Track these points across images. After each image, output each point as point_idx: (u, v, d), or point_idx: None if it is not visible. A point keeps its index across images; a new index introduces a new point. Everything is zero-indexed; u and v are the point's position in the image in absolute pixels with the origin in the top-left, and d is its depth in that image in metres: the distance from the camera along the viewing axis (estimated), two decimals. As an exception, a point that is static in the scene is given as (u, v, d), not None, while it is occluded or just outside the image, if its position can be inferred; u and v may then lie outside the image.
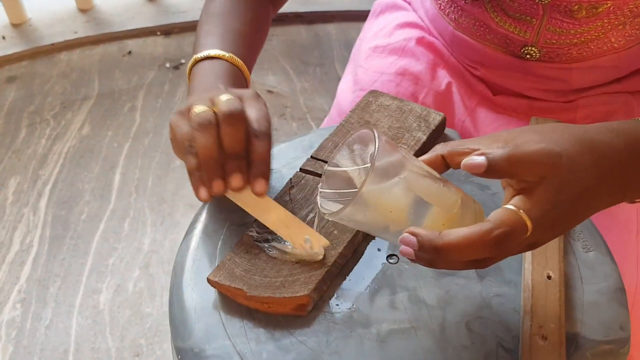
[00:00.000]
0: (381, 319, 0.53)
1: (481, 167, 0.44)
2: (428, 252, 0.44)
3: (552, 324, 0.51)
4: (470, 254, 0.43)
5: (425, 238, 0.44)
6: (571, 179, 0.44)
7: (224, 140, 0.54)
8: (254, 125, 0.55)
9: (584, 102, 0.79)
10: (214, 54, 0.66)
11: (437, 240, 0.43)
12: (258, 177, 0.55)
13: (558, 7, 0.70)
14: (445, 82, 0.84)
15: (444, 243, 0.43)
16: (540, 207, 0.43)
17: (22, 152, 1.67)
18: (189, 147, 0.54)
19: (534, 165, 0.44)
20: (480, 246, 0.42)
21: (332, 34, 2.06)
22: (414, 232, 0.44)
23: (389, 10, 0.95)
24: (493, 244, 0.42)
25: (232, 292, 0.53)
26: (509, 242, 0.43)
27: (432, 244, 0.43)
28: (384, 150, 0.45)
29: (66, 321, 1.29)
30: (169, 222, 1.49)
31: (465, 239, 0.42)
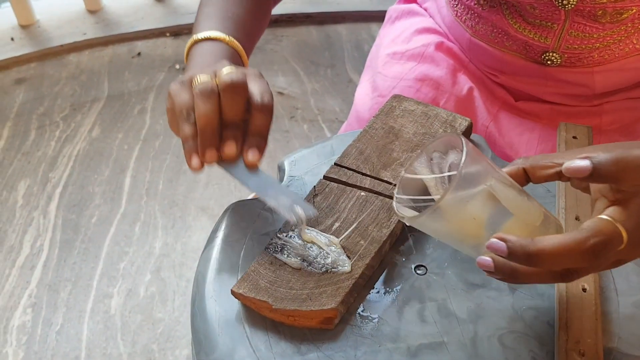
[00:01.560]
0: (411, 333, 0.51)
1: (586, 170, 0.42)
2: (519, 259, 0.42)
3: (589, 339, 0.49)
4: (566, 262, 0.42)
5: (517, 244, 0.42)
6: None
7: (224, 109, 0.55)
8: (256, 97, 0.56)
9: (609, 107, 0.78)
10: (214, 35, 0.66)
11: (531, 245, 0.41)
12: (252, 147, 0.56)
13: (582, 12, 0.69)
14: (467, 88, 0.82)
15: (538, 249, 0.41)
16: (636, 219, 0.42)
17: (31, 154, 1.66)
18: (187, 115, 0.55)
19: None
20: (577, 254, 0.41)
21: (343, 34, 2.05)
22: (504, 237, 0.42)
23: (405, 16, 0.94)
24: (590, 253, 0.41)
25: (256, 305, 0.52)
26: (606, 252, 0.41)
27: (525, 250, 0.41)
28: (470, 158, 0.44)
29: (77, 326, 1.28)
30: (180, 225, 1.48)
31: (562, 246, 0.41)
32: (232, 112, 0.55)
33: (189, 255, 1.41)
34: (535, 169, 0.48)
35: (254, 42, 0.76)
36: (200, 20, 0.70)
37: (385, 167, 0.62)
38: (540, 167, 0.48)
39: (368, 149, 0.64)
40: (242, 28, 0.71)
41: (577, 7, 0.68)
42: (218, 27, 0.68)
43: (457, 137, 0.46)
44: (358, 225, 0.57)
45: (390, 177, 0.60)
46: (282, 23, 2.08)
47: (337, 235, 0.56)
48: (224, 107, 0.55)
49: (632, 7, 0.68)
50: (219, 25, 0.68)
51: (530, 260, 0.42)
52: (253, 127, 0.56)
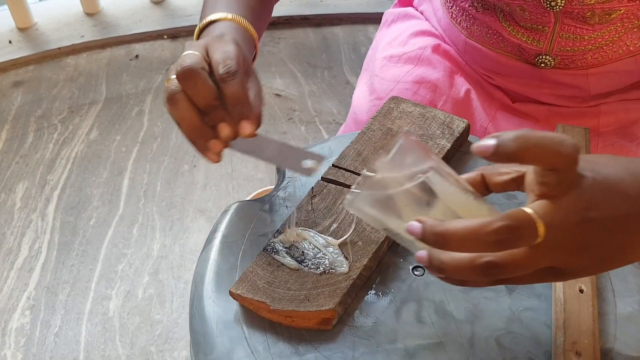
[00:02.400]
0: (408, 333, 0.52)
1: (490, 147, 0.39)
2: (429, 239, 0.41)
3: (586, 340, 0.49)
4: (471, 245, 0.40)
5: (428, 223, 0.41)
6: (606, 200, 0.41)
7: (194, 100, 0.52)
8: (219, 69, 0.53)
9: (606, 108, 0.78)
10: (217, 17, 0.63)
11: (438, 226, 0.41)
12: (240, 121, 0.53)
13: (570, 14, 0.69)
14: (464, 89, 0.82)
15: (445, 228, 0.40)
16: (562, 217, 0.40)
17: (29, 157, 1.66)
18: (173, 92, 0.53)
19: (544, 149, 0.39)
20: (480, 237, 0.39)
21: (340, 36, 2.05)
22: (421, 219, 0.42)
23: (401, 20, 0.94)
24: (493, 236, 0.39)
25: (254, 305, 0.52)
26: (512, 240, 0.39)
27: (433, 229, 0.41)
28: (408, 147, 0.44)
29: (75, 328, 1.28)
30: (178, 227, 1.48)
31: (467, 227, 0.40)
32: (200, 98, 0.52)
33: (187, 257, 1.41)
34: (492, 175, 0.47)
35: (263, 27, 0.72)
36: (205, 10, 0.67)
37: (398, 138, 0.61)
38: (497, 173, 0.47)
39: (366, 151, 0.64)
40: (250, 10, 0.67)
41: (565, 9, 0.69)
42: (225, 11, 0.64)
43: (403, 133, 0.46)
44: (356, 227, 0.57)
45: None
46: (279, 25, 2.08)
47: (335, 237, 0.56)
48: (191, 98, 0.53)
49: (620, 8, 0.68)
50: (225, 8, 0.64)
51: (437, 241, 0.41)
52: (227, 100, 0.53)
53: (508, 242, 0.39)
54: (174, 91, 0.53)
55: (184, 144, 1.69)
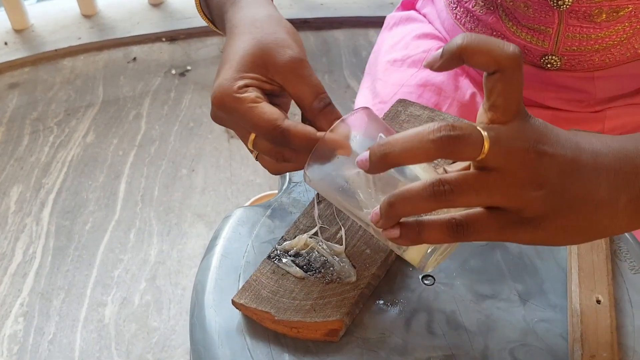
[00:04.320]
0: (418, 346, 0.49)
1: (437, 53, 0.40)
2: (376, 158, 0.40)
3: (604, 353, 0.47)
4: (415, 151, 0.39)
5: (375, 145, 0.40)
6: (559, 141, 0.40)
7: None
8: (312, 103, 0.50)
9: (612, 113, 0.77)
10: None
11: (383, 139, 0.40)
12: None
13: (576, 14, 0.68)
14: (470, 93, 0.81)
15: (390, 138, 0.40)
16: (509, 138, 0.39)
17: (24, 160, 1.64)
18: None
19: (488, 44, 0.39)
20: (424, 137, 0.38)
21: (340, 40, 2.03)
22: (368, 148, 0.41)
23: (404, 23, 0.93)
24: (437, 135, 0.38)
25: (258, 316, 0.50)
26: (456, 141, 0.38)
27: (379, 143, 0.40)
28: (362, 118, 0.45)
29: (70, 336, 1.26)
30: (176, 232, 1.46)
31: (411, 132, 0.39)
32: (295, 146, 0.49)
33: (185, 263, 1.39)
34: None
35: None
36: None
37: None
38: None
39: (373, 155, 0.62)
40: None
41: (572, 8, 0.68)
42: None
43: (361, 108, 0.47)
44: (363, 234, 0.55)
45: None
46: (279, 29, 2.06)
47: (342, 244, 0.54)
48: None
49: (628, 5, 0.67)
50: None
51: (384, 154, 0.40)
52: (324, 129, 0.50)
53: (451, 142, 0.38)
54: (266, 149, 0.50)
55: (182, 147, 1.67)
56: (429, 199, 0.40)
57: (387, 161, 0.40)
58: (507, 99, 0.40)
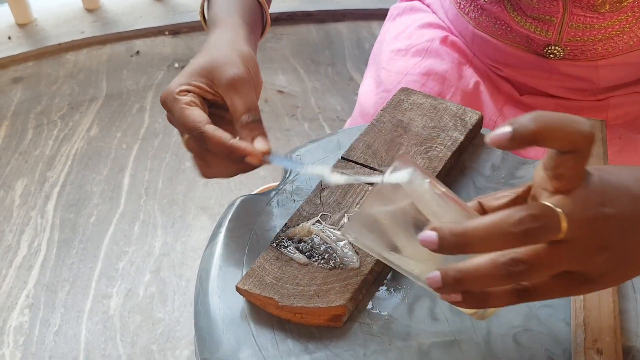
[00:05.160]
0: (421, 331, 0.50)
1: (507, 134, 0.37)
2: (449, 245, 0.39)
3: (607, 337, 0.47)
4: (493, 242, 0.38)
5: (445, 227, 0.39)
6: (618, 197, 0.39)
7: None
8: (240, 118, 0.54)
9: (615, 101, 0.77)
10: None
11: (458, 227, 0.38)
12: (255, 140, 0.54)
13: (580, 3, 0.68)
14: (473, 82, 0.81)
15: (464, 227, 0.38)
16: (580, 210, 0.39)
17: (29, 154, 1.64)
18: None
19: (563, 127, 0.37)
20: (505, 230, 0.37)
21: (343, 32, 2.03)
22: (434, 227, 0.39)
23: (407, 13, 0.93)
24: (518, 228, 0.37)
25: (262, 302, 0.50)
26: (538, 232, 0.37)
27: (452, 231, 0.38)
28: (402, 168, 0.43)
29: (75, 327, 1.26)
30: (180, 224, 1.46)
31: (488, 222, 0.38)
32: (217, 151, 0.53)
33: (189, 255, 1.40)
34: (489, 201, 0.46)
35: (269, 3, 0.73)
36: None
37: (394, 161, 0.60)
38: (493, 197, 0.46)
39: (376, 143, 0.62)
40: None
41: None
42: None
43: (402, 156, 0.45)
44: (367, 220, 0.55)
45: None
46: (281, 21, 2.06)
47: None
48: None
49: None
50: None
51: (458, 243, 0.38)
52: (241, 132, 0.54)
53: (534, 232, 0.37)
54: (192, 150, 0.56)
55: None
56: (502, 278, 0.39)
57: (462, 252, 0.39)
58: (577, 172, 0.40)
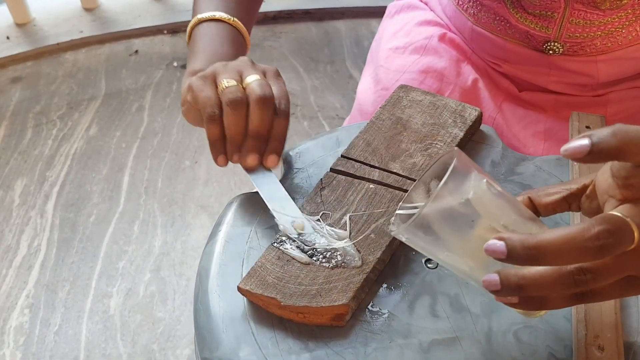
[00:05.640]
0: (422, 328, 0.50)
1: (585, 147, 0.37)
2: (519, 256, 0.38)
3: (608, 333, 0.47)
4: (569, 257, 0.37)
5: (516, 238, 0.38)
6: None
7: (253, 121, 0.56)
8: (276, 103, 0.57)
9: (614, 97, 0.77)
10: (218, 16, 0.67)
11: (530, 239, 0.37)
12: (272, 154, 0.58)
13: None
14: (472, 79, 0.81)
15: (538, 240, 0.37)
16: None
17: (28, 153, 1.64)
18: (213, 114, 0.56)
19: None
20: (580, 245, 0.36)
21: (342, 30, 2.03)
22: (501, 236, 0.38)
23: (405, 10, 0.93)
24: (594, 242, 0.36)
25: (264, 302, 0.50)
26: (614, 245, 0.37)
27: (524, 244, 0.37)
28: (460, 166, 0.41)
29: (76, 327, 1.26)
30: (180, 223, 1.46)
31: (564, 236, 0.37)
32: (260, 124, 0.57)
33: (189, 254, 1.40)
34: (540, 197, 0.46)
35: (253, 20, 0.76)
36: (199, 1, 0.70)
37: (394, 159, 0.60)
38: (545, 194, 0.46)
39: (376, 141, 0.62)
40: (243, 6, 0.71)
41: None
42: (220, 8, 0.68)
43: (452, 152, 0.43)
44: (368, 219, 0.55)
45: (400, 168, 0.59)
46: (280, 20, 2.06)
47: (347, 229, 0.54)
48: (253, 119, 0.56)
49: None
50: (221, 6, 0.68)
51: (530, 256, 0.37)
52: (274, 133, 0.58)
53: (610, 247, 0.37)
54: (241, 98, 0.56)
55: (185, 139, 1.67)
56: (567, 287, 0.39)
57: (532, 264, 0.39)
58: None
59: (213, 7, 0.68)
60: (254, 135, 0.57)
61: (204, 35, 0.66)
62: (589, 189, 0.45)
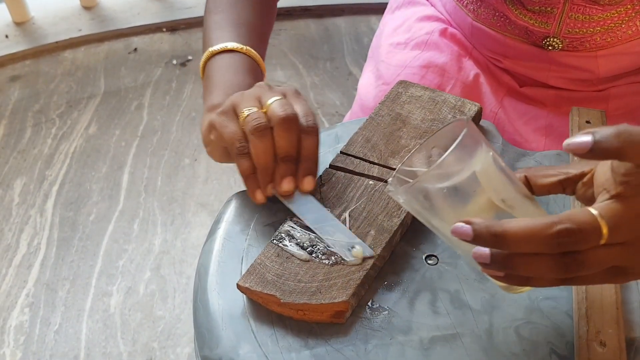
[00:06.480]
0: (423, 325, 0.49)
1: (587, 144, 0.39)
2: (485, 241, 0.40)
3: (610, 329, 0.47)
4: (530, 247, 0.39)
5: (482, 224, 0.39)
6: None
7: (280, 144, 0.54)
8: (302, 121, 0.55)
9: (615, 92, 0.76)
10: (231, 47, 0.65)
11: (496, 226, 0.39)
12: (307, 175, 0.55)
13: None
14: (473, 74, 0.81)
15: (504, 229, 0.39)
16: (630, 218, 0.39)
17: (27, 152, 1.64)
18: (242, 148, 0.54)
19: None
20: (541, 239, 0.38)
21: (342, 27, 2.02)
22: (469, 220, 0.40)
23: (406, 6, 0.92)
24: (553, 240, 0.38)
25: (264, 299, 0.50)
26: (574, 243, 0.38)
27: (490, 230, 0.39)
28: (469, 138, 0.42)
29: (76, 325, 1.26)
30: (180, 221, 1.46)
31: (527, 228, 0.38)
32: (288, 145, 0.54)
33: (189, 252, 1.39)
34: (537, 177, 0.46)
35: (266, 44, 0.75)
36: (211, 30, 0.68)
37: (393, 155, 0.59)
38: (542, 175, 0.46)
39: (375, 137, 0.62)
40: (255, 33, 0.69)
41: None
42: (232, 37, 0.66)
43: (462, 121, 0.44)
44: (367, 215, 0.54)
45: (399, 164, 0.58)
46: (279, 17, 2.05)
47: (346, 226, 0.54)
48: (280, 142, 0.54)
49: None
50: (232, 35, 0.67)
51: (495, 242, 0.39)
52: (304, 152, 0.55)
53: (567, 245, 0.38)
54: (264, 124, 0.54)
55: (184, 137, 1.67)
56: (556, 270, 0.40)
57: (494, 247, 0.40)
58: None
59: (225, 38, 0.66)
60: (284, 159, 0.54)
61: (218, 68, 0.64)
62: (587, 177, 0.46)
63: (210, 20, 0.70)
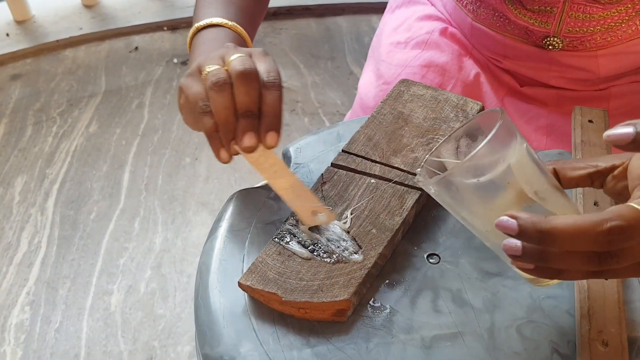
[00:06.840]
0: (424, 324, 0.49)
1: (629, 135, 0.39)
2: (530, 237, 0.39)
3: (612, 329, 0.47)
4: (579, 245, 0.38)
5: (529, 220, 0.38)
6: None
7: (239, 99, 0.53)
8: (264, 76, 0.53)
9: (616, 91, 0.76)
10: (216, 21, 0.65)
11: (543, 223, 0.38)
12: (269, 131, 0.53)
13: None
14: (474, 73, 0.81)
15: (552, 226, 0.38)
16: None
17: (28, 150, 1.63)
18: (204, 106, 0.53)
19: None
20: (591, 237, 0.37)
21: (343, 26, 2.02)
22: (514, 215, 0.39)
23: (406, 5, 0.92)
24: (605, 237, 0.37)
25: (265, 297, 0.50)
26: (625, 240, 0.38)
27: (537, 227, 0.38)
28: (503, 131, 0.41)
29: (76, 324, 1.26)
30: (180, 220, 1.46)
31: (576, 226, 0.38)
32: (248, 100, 0.53)
33: (190, 251, 1.39)
34: (565, 169, 0.46)
35: (257, 26, 0.74)
36: (200, 8, 0.68)
37: (395, 154, 0.59)
38: (571, 167, 0.46)
39: (377, 135, 0.61)
40: (244, 13, 0.69)
41: None
42: (219, 14, 0.66)
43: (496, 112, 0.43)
44: (369, 214, 0.54)
45: (401, 163, 0.58)
46: (280, 16, 2.05)
47: (347, 224, 0.54)
48: (239, 97, 0.52)
49: None
50: (220, 12, 0.67)
51: (542, 239, 0.38)
52: (266, 108, 0.53)
53: (619, 242, 0.38)
54: (223, 79, 0.52)
55: (185, 136, 1.66)
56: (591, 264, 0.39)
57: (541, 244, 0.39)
58: None
59: (211, 14, 0.66)
60: (244, 114, 0.53)
61: (202, 42, 0.64)
62: (618, 170, 0.45)
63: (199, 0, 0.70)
